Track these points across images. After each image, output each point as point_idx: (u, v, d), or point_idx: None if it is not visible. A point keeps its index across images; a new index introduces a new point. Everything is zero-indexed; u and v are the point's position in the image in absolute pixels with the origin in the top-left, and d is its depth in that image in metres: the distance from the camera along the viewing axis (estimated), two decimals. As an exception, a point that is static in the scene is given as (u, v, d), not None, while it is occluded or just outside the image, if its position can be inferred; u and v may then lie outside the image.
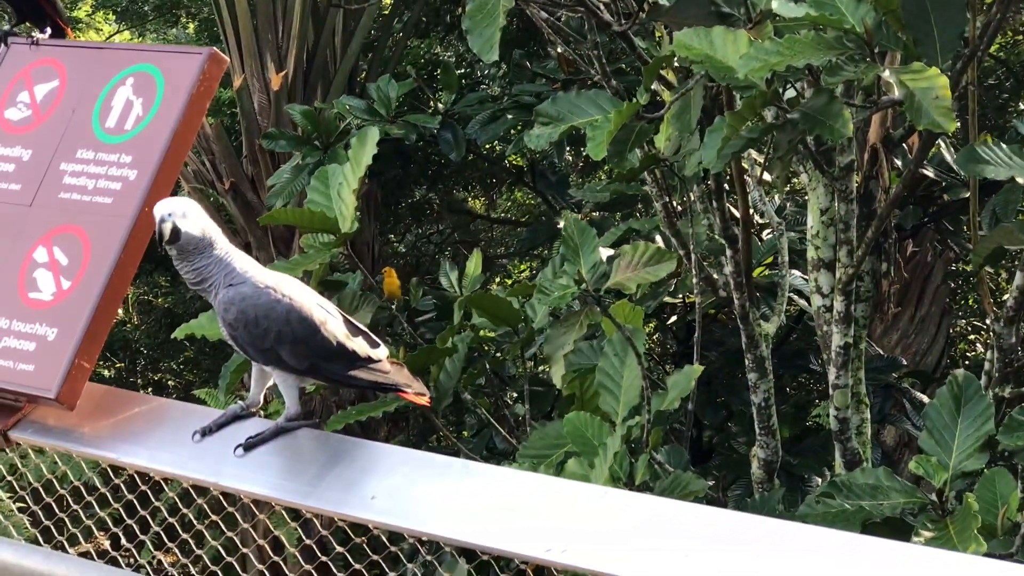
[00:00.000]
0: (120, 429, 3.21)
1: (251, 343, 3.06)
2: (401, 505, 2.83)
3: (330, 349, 3.09)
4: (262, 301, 3.05)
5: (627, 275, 5.21)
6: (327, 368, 3.12)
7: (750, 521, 2.58)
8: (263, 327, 3.03)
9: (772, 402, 6.27)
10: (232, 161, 10.71)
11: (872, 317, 9.53)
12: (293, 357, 3.07)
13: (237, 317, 3.04)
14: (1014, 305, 6.33)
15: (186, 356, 14.37)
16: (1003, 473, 4.83)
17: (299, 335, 3.05)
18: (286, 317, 3.04)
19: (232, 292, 3.06)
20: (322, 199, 5.38)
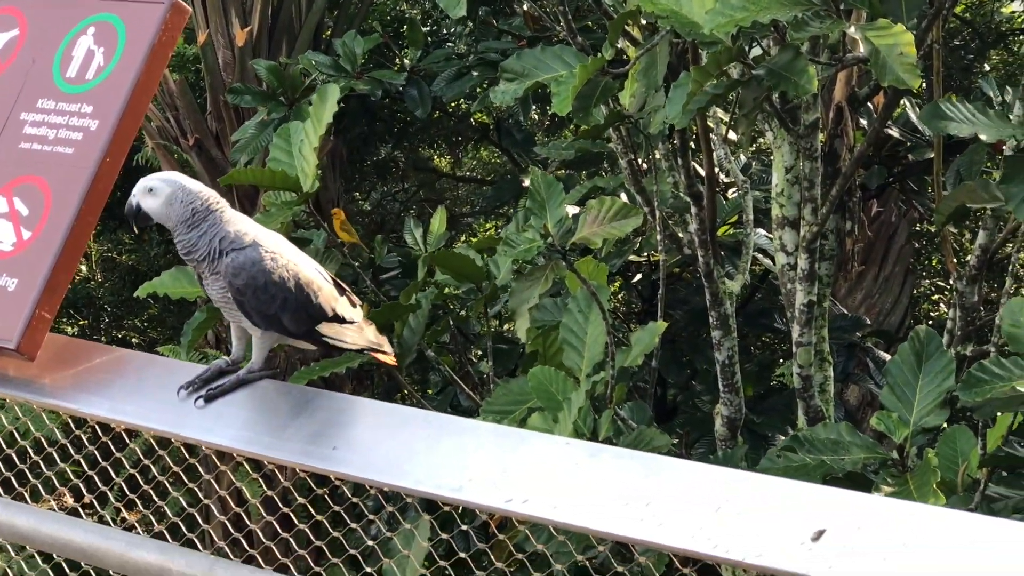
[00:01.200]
0: (81, 380, 3.19)
1: (257, 308, 3.04)
2: (362, 456, 2.82)
3: (324, 314, 3.10)
4: (271, 267, 3.03)
5: (593, 230, 5.21)
6: (319, 332, 3.13)
7: (714, 472, 2.58)
8: (271, 293, 3.02)
9: (736, 360, 6.29)
10: (196, 117, 10.65)
11: (836, 276, 9.56)
12: (293, 322, 3.06)
13: (247, 283, 3.02)
14: (976, 264, 6.36)
15: (150, 313, 14.32)
16: (963, 430, 4.86)
17: (301, 302, 3.06)
18: (291, 284, 3.04)
19: (241, 257, 3.04)
20: (285, 157, 5.37)
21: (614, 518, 2.54)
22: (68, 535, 3.04)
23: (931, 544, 2.31)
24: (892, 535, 2.34)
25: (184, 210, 3.07)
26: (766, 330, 9.66)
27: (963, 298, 6.44)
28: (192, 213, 3.06)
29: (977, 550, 2.27)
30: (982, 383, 4.56)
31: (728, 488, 2.51)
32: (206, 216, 3.07)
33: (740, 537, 2.43)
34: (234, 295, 3.05)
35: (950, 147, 7.83)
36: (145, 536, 3.07)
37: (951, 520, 2.34)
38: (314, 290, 3.09)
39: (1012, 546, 2.26)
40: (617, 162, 7.29)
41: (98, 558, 3.01)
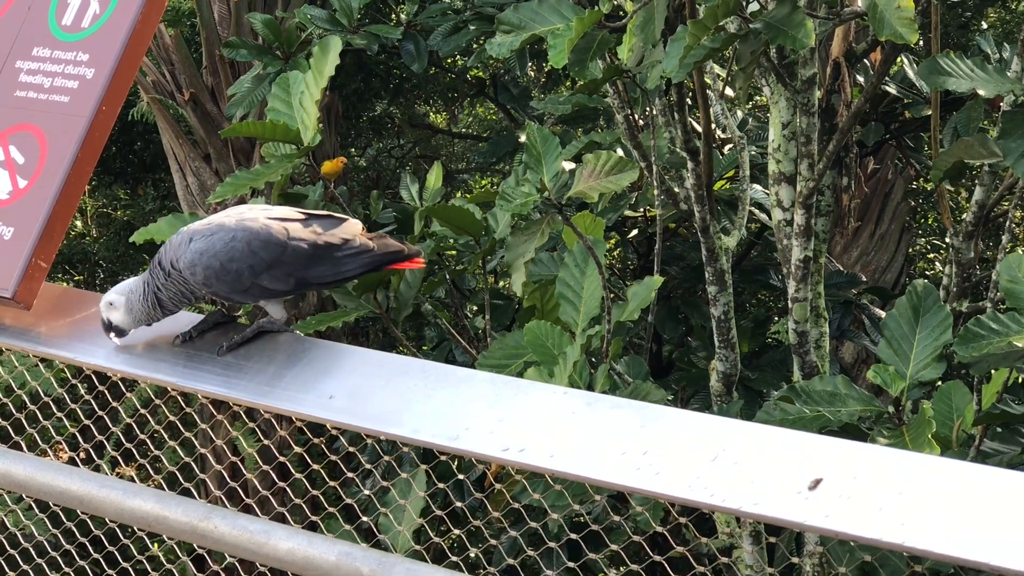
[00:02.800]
0: (77, 329, 3.19)
1: (232, 290, 2.94)
2: (359, 405, 2.82)
3: (306, 256, 2.95)
4: (218, 247, 2.91)
5: (589, 184, 5.20)
6: (313, 277, 2.98)
7: (711, 421, 2.58)
8: (233, 270, 2.91)
9: (732, 315, 6.29)
10: (192, 72, 10.61)
11: (832, 232, 9.56)
12: (276, 282, 2.95)
13: (206, 275, 2.92)
14: (973, 220, 6.35)
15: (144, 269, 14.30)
16: (959, 386, 4.87)
17: (270, 259, 2.92)
18: (248, 248, 2.91)
19: (189, 255, 2.93)
20: (283, 107, 5.34)
21: (611, 467, 2.54)
22: (65, 484, 3.04)
23: (928, 493, 2.31)
24: (889, 484, 2.34)
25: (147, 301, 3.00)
26: (762, 286, 9.66)
27: (959, 254, 6.44)
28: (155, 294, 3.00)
29: (974, 498, 2.27)
30: (979, 338, 4.56)
31: (725, 437, 2.51)
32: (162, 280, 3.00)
33: (737, 486, 2.43)
34: (205, 291, 2.97)
35: (947, 104, 7.83)
36: (142, 485, 3.07)
37: (948, 469, 2.34)
38: (277, 239, 2.94)
39: (1009, 494, 2.26)
40: (614, 118, 7.27)
41: (95, 506, 3.01)
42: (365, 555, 2.69)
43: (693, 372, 8.04)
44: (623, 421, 2.60)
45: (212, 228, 2.97)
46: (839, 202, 9.65)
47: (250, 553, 2.82)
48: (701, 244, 6.24)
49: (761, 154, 7.94)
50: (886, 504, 2.31)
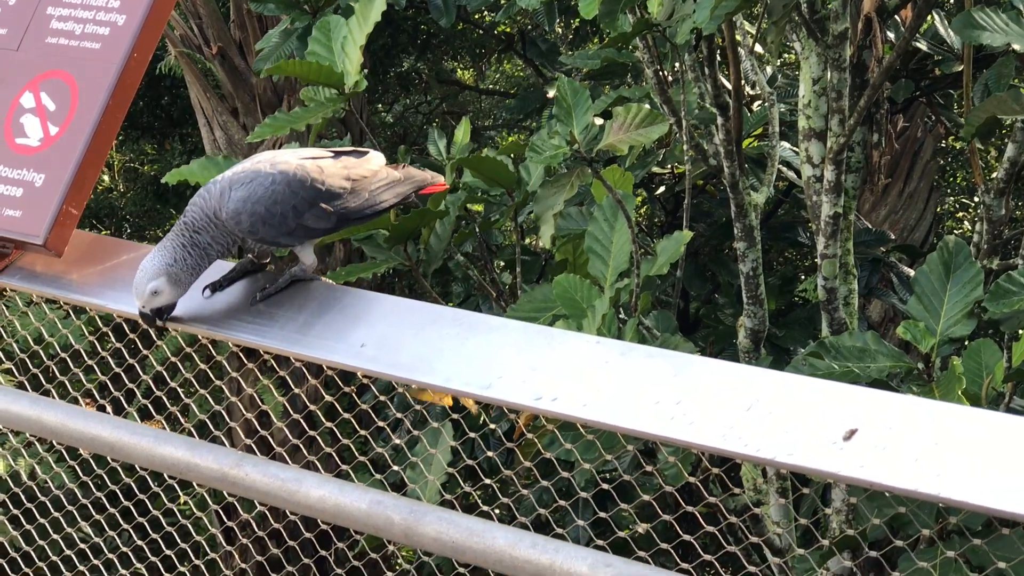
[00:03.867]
0: (108, 276, 3.19)
1: (279, 233, 2.93)
2: (390, 353, 2.81)
3: (342, 190, 2.96)
4: (261, 192, 2.90)
5: (619, 137, 5.18)
6: (352, 211, 2.99)
7: (745, 371, 2.57)
8: (278, 213, 2.90)
9: (760, 272, 6.27)
10: (220, 26, 10.57)
11: (861, 190, 9.51)
12: (319, 220, 2.94)
13: (252, 221, 2.91)
14: (1004, 177, 6.32)
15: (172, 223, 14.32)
16: (989, 343, 4.84)
17: (312, 197, 2.92)
18: (289, 190, 2.91)
19: (232, 205, 2.91)
20: (324, 52, 5.31)
21: (644, 416, 2.53)
22: (96, 430, 3.04)
23: (964, 444, 2.29)
24: (924, 435, 2.33)
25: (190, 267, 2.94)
26: (790, 244, 9.62)
27: (990, 211, 6.40)
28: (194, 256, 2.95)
29: (1010, 449, 2.26)
30: (1010, 294, 4.54)
31: (759, 387, 2.50)
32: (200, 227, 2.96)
33: (771, 436, 2.42)
34: (252, 239, 2.96)
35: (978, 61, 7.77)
36: (172, 432, 3.07)
37: (984, 420, 2.32)
38: (315, 177, 2.94)
39: (1046, 446, 2.25)
40: (642, 74, 7.23)
41: (125, 453, 3.01)
42: (396, 503, 2.69)
43: (720, 329, 8.03)
44: (657, 371, 2.59)
45: (249, 175, 2.95)
46: (869, 159, 9.60)
47: (281, 501, 2.82)
48: (730, 200, 6.21)
49: (791, 111, 7.91)
50: (921, 455, 2.30)
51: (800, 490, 5.97)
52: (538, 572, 2.53)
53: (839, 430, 2.38)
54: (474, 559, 2.60)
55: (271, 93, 10.33)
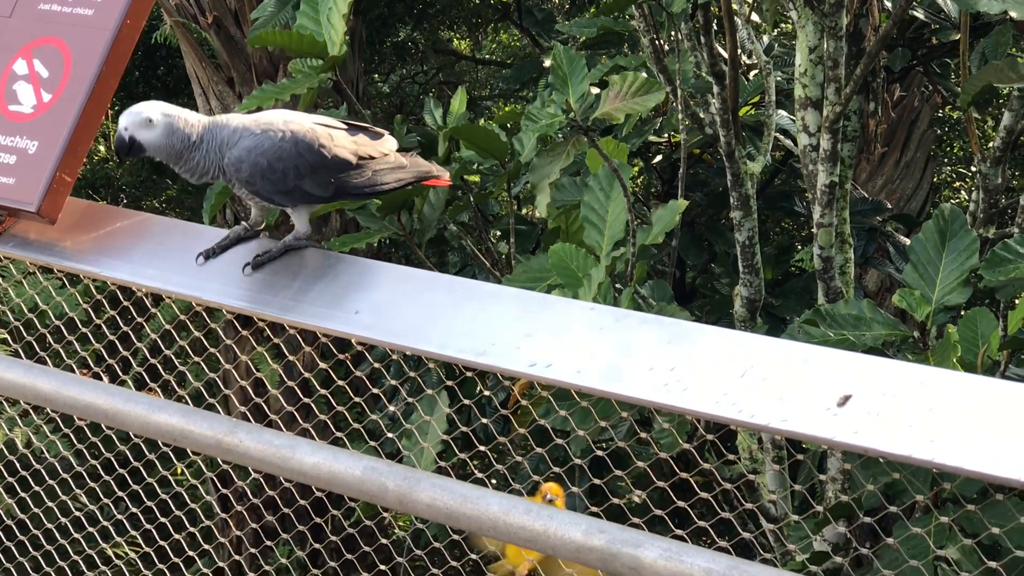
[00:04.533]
0: (102, 243, 3.18)
1: (274, 191, 2.98)
2: (385, 320, 2.81)
3: (347, 163, 3.01)
4: (267, 145, 2.95)
5: (615, 105, 5.17)
6: (351, 186, 3.03)
7: (740, 338, 2.56)
8: (280, 169, 2.95)
9: (756, 240, 6.26)
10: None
11: (858, 159, 9.50)
12: (318, 187, 2.99)
13: (252, 171, 2.96)
14: (1001, 145, 6.31)
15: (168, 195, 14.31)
16: (984, 312, 4.84)
17: (315, 162, 2.97)
18: (296, 150, 2.96)
19: (237, 151, 2.97)
20: (312, 24, 5.31)
21: (638, 383, 2.53)
22: (91, 398, 3.04)
23: (958, 410, 2.29)
24: (919, 401, 2.33)
25: (184, 137, 3.00)
26: (786, 213, 9.60)
27: (986, 180, 6.39)
28: (190, 137, 3.00)
29: (1005, 415, 2.26)
30: (1006, 262, 4.53)
31: (754, 354, 2.50)
32: (202, 135, 3.01)
33: (765, 402, 2.42)
34: (247, 188, 3.00)
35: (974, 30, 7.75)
36: (167, 400, 3.06)
37: (978, 386, 2.32)
38: (323, 144, 2.99)
39: (1040, 411, 2.25)
40: (639, 43, 7.22)
41: (120, 420, 3.01)
42: (391, 470, 2.69)
43: (716, 298, 8.03)
44: (651, 337, 2.59)
45: (261, 126, 3.00)
46: (865, 128, 9.59)
47: (275, 468, 2.81)
48: (726, 169, 6.20)
49: (787, 80, 7.88)
50: (915, 421, 2.30)
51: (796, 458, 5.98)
52: (532, 538, 2.53)
53: (833, 396, 2.38)
54: (468, 525, 2.60)
55: (267, 63, 10.31)
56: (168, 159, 3.03)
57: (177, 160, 3.03)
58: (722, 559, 2.42)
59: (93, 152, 14.47)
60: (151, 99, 3.15)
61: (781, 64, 8.30)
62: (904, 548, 4.11)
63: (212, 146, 3.00)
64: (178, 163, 3.03)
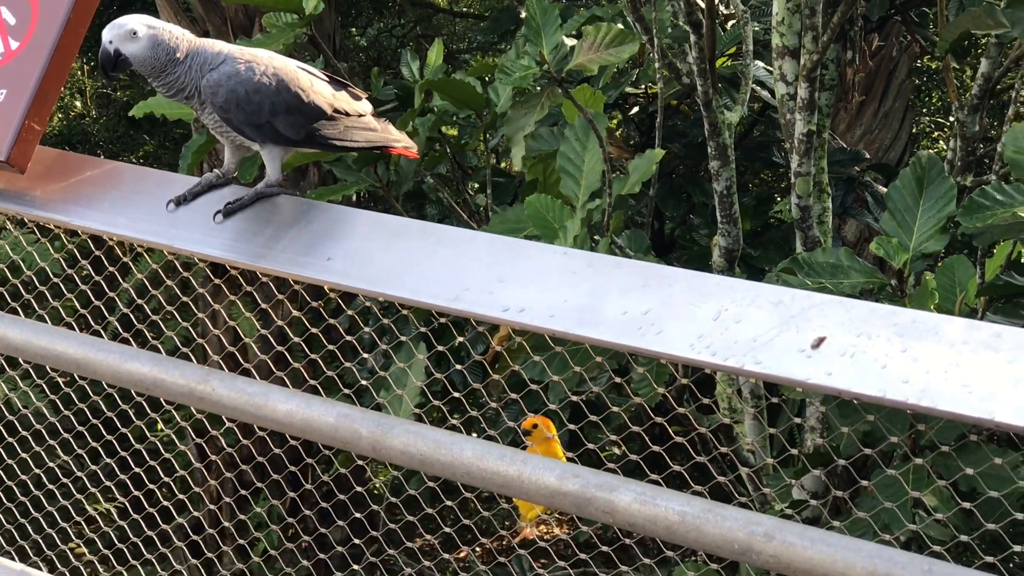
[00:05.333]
0: (73, 192, 3.15)
1: (246, 121, 2.99)
2: (357, 267, 2.79)
3: (322, 112, 3.04)
4: (248, 75, 2.98)
5: (590, 56, 5.14)
6: (322, 134, 3.06)
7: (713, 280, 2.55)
8: (256, 101, 2.97)
9: (734, 190, 6.24)
10: (190, -52, 10.48)
11: (836, 109, 9.48)
12: (289, 128, 3.01)
13: (228, 98, 2.97)
14: (978, 93, 6.29)
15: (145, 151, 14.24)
16: (962, 260, 4.84)
17: (291, 103, 3.00)
18: (275, 87, 2.99)
19: (216, 75, 2.99)
20: (287, -22, 5.29)
21: (612, 327, 2.52)
22: (62, 347, 3.02)
23: (932, 350, 2.29)
24: (892, 342, 2.32)
25: (168, 51, 3.00)
26: (765, 164, 9.57)
27: (964, 128, 6.38)
28: (175, 51, 3.00)
29: (979, 356, 2.25)
30: (983, 209, 4.52)
31: (727, 297, 2.49)
32: (187, 52, 3.01)
33: (739, 345, 2.42)
34: (219, 114, 3.01)
35: (953, -24, 7.72)
36: (139, 349, 3.05)
37: (952, 326, 2.32)
38: (302, 88, 3.02)
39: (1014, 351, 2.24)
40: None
41: (92, 369, 2.99)
42: (364, 417, 2.68)
43: (695, 249, 8.01)
44: (624, 282, 2.58)
45: (246, 56, 3.03)
46: (843, 77, 9.56)
47: (248, 415, 2.80)
48: (704, 119, 6.18)
49: (764, 30, 7.86)
50: (889, 362, 2.30)
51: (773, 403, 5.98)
52: (506, 484, 2.53)
53: (807, 339, 2.38)
54: (442, 471, 2.59)
55: (243, 16, 10.24)
56: (151, 72, 3.03)
57: (159, 74, 3.02)
58: (697, 502, 2.42)
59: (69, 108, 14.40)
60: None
61: (758, 14, 8.28)
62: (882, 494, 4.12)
63: (195, 63, 3.01)
64: (159, 77, 3.03)
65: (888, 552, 2.27)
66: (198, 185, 3.06)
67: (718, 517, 2.38)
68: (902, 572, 2.23)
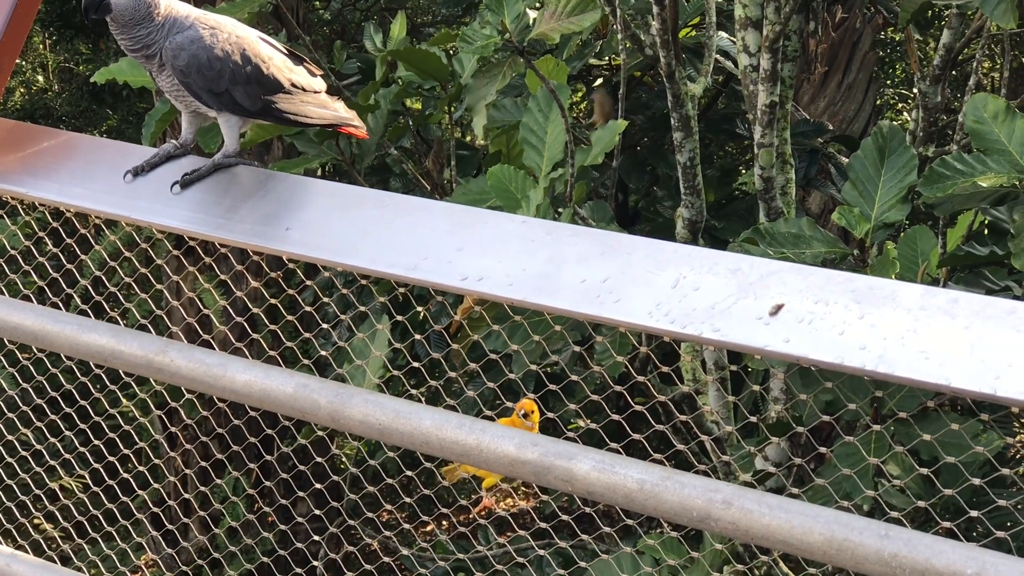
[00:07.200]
0: (29, 163, 3.13)
1: (205, 87, 2.99)
2: (315, 237, 2.78)
3: (279, 85, 3.05)
4: (211, 42, 2.98)
5: (551, 25, 5.13)
6: (278, 107, 3.07)
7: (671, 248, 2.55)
8: (216, 68, 2.97)
9: (697, 162, 6.25)
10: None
11: (800, 81, 9.49)
12: (247, 98, 3.01)
13: (189, 62, 2.97)
14: (940, 64, 6.31)
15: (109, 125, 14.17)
16: (924, 230, 4.86)
17: (251, 74, 3.00)
18: (237, 56, 2.99)
19: (180, 38, 2.98)
20: (251, -53, 5.27)
21: (570, 295, 2.51)
22: (18, 319, 3.00)
23: (889, 316, 2.29)
24: (850, 309, 2.33)
25: (147, 6, 2.99)
26: (728, 136, 9.58)
27: (926, 99, 6.40)
28: (153, 9, 2.99)
29: (935, 322, 2.26)
30: (944, 179, 4.54)
31: (685, 264, 2.49)
32: (158, 10, 3.00)
33: (697, 313, 2.42)
34: (179, 77, 3.00)
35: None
36: (97, 320, 3.03)
37: (909, 293, 2.32)
38: (263, 60, 3.03)
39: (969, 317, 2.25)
40: (579, -36, 7.16)
41: (49, 342, 2.97)
42: (323, 387, 2.67)
43: (659, 221, 8.02)
44: (583, 250, 2.57)
45: (211, 22, 3.03)
46: (806, 48, 9.57)
47: (207, 386, 2.79)
48: (667, 91, 6.18)
49: (727, 1, 7.86)
50: (847, 328, 2.30)
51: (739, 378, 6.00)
52: (465, 452, 2.52)
53: (765, 306, 2.38)
54: (401, 441, 2.59)
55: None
56: (126, 23, 2.99)
57: (133, 27, 3.00)
58: (655, 470, 2.42)
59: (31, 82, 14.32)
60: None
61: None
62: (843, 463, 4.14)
63: (159, 32, 3.00)
64: (131, 30, 3.00)
65: (845, 518, 2.27)
66: (156, 156, 3.05)
67: (676, 484, 2.39)
68: (859, 537, 2.23)
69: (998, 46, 10.38)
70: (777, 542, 2.31)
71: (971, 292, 4.87)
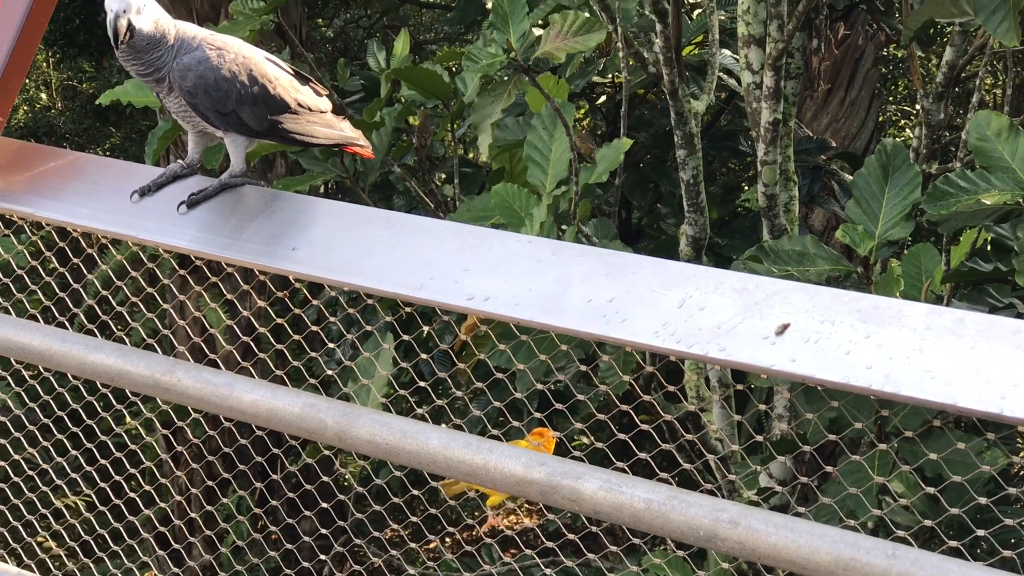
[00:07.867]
0: (36, 184, 3.14)
1: (212, 108, 3.00)
2: (322, 256, 2.79)
3: (285, 105, 3.06)
4: (218, 62, 2.99)
5: (556, 44, 5.14)
6: (284, 127, 3.08)
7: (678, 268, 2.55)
8: (223, 89, 2.98)
9: (701, 179, 6.25)
10: (155, -61, 10.42)
11: (802, 97, 9.50)
12: (253, 118, 3.02)
13: (196, 83, 2.98)
14: (943, 81, 6.32)
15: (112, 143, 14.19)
16: (928, 247, 4.86)
17: (258, 94, 3.02)
18: (244, 76, 3.00)
19: (187, 59, 2.99)
20: (253, -35, 5.28)
21: (577, 315, 2.52)
22: (26, 339, 3.01)
23: (895, 335, 2.29)
24: (856, 328, 2.33)
25: (163, 30, 3.00)
26: (732, 154, 9.60)
27: (929, 116, 6.41)
28: (166, 33, 3.00)
29: (941, 341, 2.26)
30: (947, 196, 4.54)
31: (691, 284, 2.49)
32: (170, 33, 3.01)
33: (704, 332, 2.42)
34: (186, 98, 3.01)
35: (918, -34, 7.73)
36: (104, 340, 3.03)
37: (915, 312, 2.32)
38: (269, 80, 3.03)
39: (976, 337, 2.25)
40: (582, -18, 7.18)
41: (56, 361, 2.98)
42: (330, 407, 2.67)
43: (663, 239, 8.03)
44: (589, 269, 2.58)
45: (218, 43, 3.04)
46: (809, 65, 9.59)
47: (213, 406, 2.79)
48: (670, 108, 6.18)
49: (730, 18, 7.87)
50: (853, 348, 2.30)
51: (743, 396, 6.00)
52: (472, 472, 2.52)
53: (772, 325, 2.38)
54: (408, 460, 2.59)
55: (208, 6, 10.22)
56: (143, 49, 3.00)
57: (149, 51, 3.00)
58: (662, 489, 2.42)
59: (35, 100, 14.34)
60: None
61: (724, 2, 8.28)
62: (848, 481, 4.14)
63: (168, 54, 3.01)
64: (145, 55, 3.01)
65: (852, 537, 2.27)
66: (162, 176, 3.06)
67: (683, 504, 2.39)
68: (866, 557, 2.23)
69: (1001, 63, 10.39)
70: (783, 561, 2.31)
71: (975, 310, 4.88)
